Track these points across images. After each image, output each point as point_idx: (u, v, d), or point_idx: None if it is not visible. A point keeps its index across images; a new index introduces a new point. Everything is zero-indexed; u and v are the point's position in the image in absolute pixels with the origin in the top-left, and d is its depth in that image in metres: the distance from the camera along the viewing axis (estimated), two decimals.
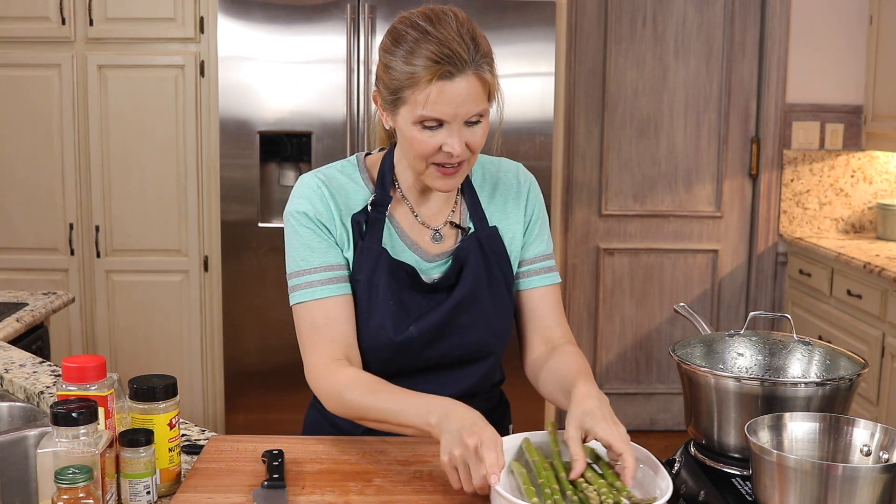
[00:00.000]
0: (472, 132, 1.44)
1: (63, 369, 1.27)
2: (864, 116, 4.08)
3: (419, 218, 1.58)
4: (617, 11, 4.13)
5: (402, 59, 1.41)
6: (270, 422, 3.35)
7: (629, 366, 4.33)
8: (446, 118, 1.41)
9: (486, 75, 1.42)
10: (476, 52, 1.40)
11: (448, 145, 1.42)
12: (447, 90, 1.39)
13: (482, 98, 1.42)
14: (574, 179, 4.20)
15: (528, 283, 1.62)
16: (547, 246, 1.65)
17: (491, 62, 1.44)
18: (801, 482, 1.11)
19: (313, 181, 1.55)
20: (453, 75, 1.39)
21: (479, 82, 1.41)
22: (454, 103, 1.40)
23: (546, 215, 1.66)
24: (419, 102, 1.40)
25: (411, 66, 1.40)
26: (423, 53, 1.39)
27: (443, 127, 1.42)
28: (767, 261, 4.22)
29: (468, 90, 1.40)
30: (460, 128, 1.42)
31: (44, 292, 2.79)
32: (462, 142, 1.43)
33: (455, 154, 1.43)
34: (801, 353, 1.42)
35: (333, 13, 3.34)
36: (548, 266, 1.64)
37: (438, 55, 1.38)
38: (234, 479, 1.37)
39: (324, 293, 1.50)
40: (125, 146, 3.57)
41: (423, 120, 1.42)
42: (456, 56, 1.38)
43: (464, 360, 1.57)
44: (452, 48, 1.39)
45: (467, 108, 1.41)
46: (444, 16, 1.43)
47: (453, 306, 1.53)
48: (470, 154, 1.46)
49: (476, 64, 1.40)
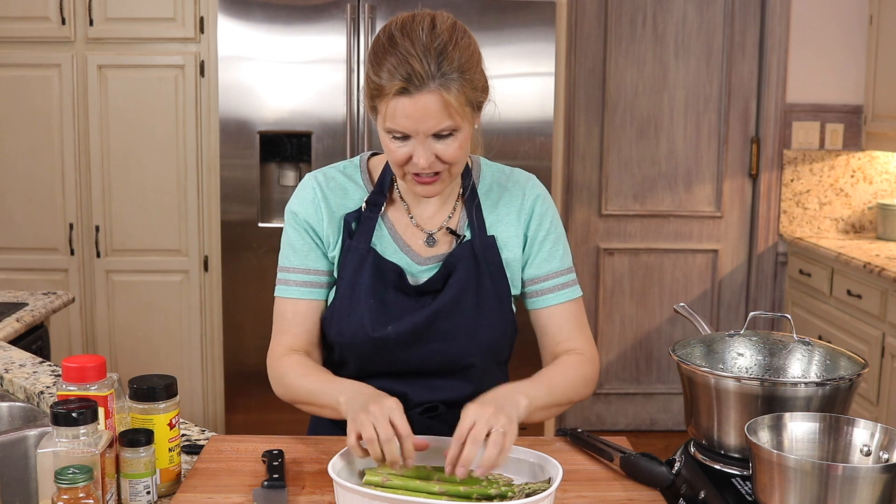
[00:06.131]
0: (444, 145, 1.41)
1: (63, 369, 1.27)
2: (864, 116, 4.08)
3: (414, 220, 1.58)
4: (617, 11, 4.13)
5: (372, 68, 1.41)
6: (270, 422, 3.35)
7: (629, 366, 4.33)
8: (409, 132, 1.40)
9: (452, 92, 1.37)
10: (440, 68, 1.36)
11: (415, 156, 1.41)
12: (406, 106, 1.38)
13: (445, 115, 1.38)
14: (574, 179, 4.20)
15: (540, 303, 1.59)
16: (561, 262, 1.60)
17: (466, 76, 1.39)
18: (801, 482, 1.11)
19: (310, 182, 1.59)
20: (411, 92, 1.37)
21: (441, 100, 1.37)
22: (413, 119, 1.38)
23: (560, 230, 1.61)
24: (384, 114, 1.41)
25: (378, 77, 1.39)
26: (386, 67, 1.38)
27: (409, 139, 1.41)
28: (767, 261, 4.22)
29: (427, 107, 1.37)
30: (426, 141, 1.40)
31: (44, 292, 2.79)
32: (429, 155, 1.41)
33: (422, 166, 1.42)
34: (801, 353, 1.42)
35: (333, 13, 3.34)
36: (562, 283, 1.59)
37: (398, 71, 1.37)
38: (234, 479, 1.37)
39: (296, 294, 1.57)
40: (125, 146, 3.57)
41: (389, 131, 1.42)
42: (414, 73, 1.36)
43: (446, 367, 1.55)
44: (412, 64, 1.36)
45: (428, 125, 1.39)
46: (418, 26, 1.40)
47: (434, 311, 1.52)
48: (446, 166, 1.44)
49: (440, 80, 1.37)
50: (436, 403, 1.55)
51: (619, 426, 4.33)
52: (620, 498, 1.34)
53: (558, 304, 1.59)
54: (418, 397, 1.55)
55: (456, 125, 1.40)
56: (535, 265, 1.59)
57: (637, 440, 3.99)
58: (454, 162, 1.44)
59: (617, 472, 1.42)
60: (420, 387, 1.55)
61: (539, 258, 1.59)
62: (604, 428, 4.29)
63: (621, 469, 1.41)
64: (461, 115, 1.40)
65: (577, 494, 1.35)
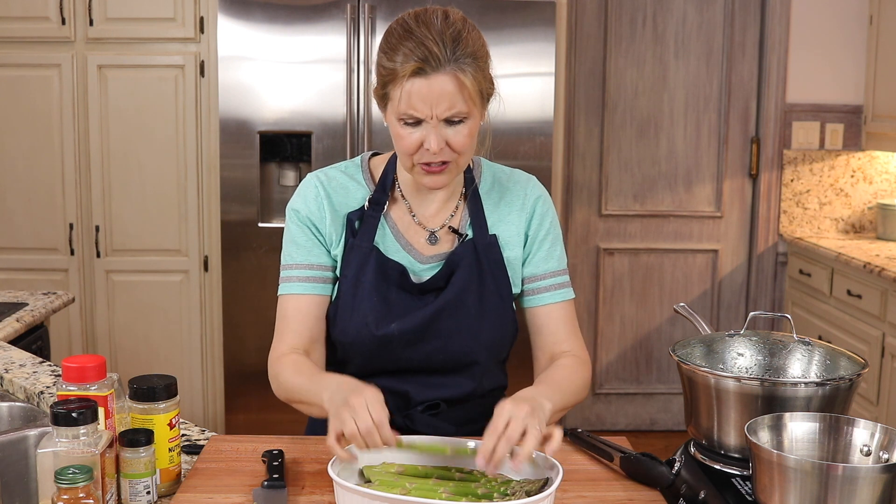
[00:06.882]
0: (454, 132, 1.43)
1: (63, 369, 1.27)
2: (864, 116, 4.08)
3: (416, 218, 1.59)
4: (617, 11, 4.13)
5: (386, 55, 1.43)
6: (270, 422, 3.35)
7: (629, 366, 4.33)
8: (422, 116, 1.42)
9: (467, 75, 1.40)
10: (455, 52, 1.40)
11: (427, 142, 1.43)
12: (421, 88, 1.40)
13: (459, 98, 1.41)
14: (574, 179, 4.20)
15: (537, 301, 1.61)
16: (559, 262, 1.62)
17: (479, 63, 1.43)
18: (801, 482, 1.11)
19: (312, 180, 1.59)
20: (427, 73, 1.39)
21: (456, 82, 1.40)
22: (428, 101, 1.40)
23: (558, 231, 1.63)
24: (398, 99, 1.42)
25: (392, 62, 1.42)
26: (402, 51, 1.41)
27: (421, 124, 1.43)
28: (767, 261, 4.22)
29: (443, 89, 1.40)
30: (438, 126, 1.42)
31: (44, 292, 2.79)
32: (440, 140, 1.43)
33: (433, 151, 1.43)
34: (801, 353, 1.42)
35: (333, 13, 3.34)
36: (558, 283, 1.61)
37: (414, 53, 1.39)
38: (234, 479, 1.37)
39: (299, 289, 1.56)
40: (125, 146, 3.57)
41: (402, 116, 1.43)
42: (431, 55, 1.39)
43: (448, 365, 1.56)
44: (428, 46, 1.39)
45: (443, 108, 1.41)
46: (432, 15, 1.44)
47: (437, 309, 1.53)
48: (455, 155, 1.45)
49: (455, 62, 1.40)
50: (437, 401, 1.57)
51: (619, 426, 4.33)
52: (620, 498, 1.34)
53: (555, 304, 1.61)
54: (420, 395, 1.56)
55: (468, 111, 1.43)
56: (533, 263, 1.61)
57: (637, 440, 3.99)
58: (463, 151, 1.46)
59: (617, 472, 1.42)
60: (422, 385, 1.56)
61: (538, 257, 1.61)
62: (604, 428, 4.29)
63: (621, 469, 1.41)
64: (473, 102, 1.43)
65: (577, 494, 1.35)
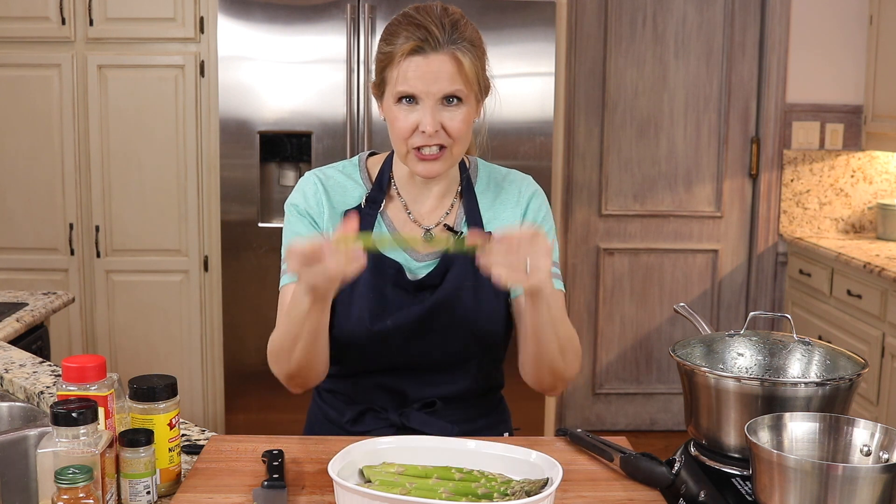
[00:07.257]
0: (450, 115, 1.46)
1: (63, 369, 1.27)
2: (864, 116, 4.08)
3: (412, 216, 1.60)
4: (617, 11, 4.13)
5: (385, 41, 1.49)
6: (270, 422, 3.35)
7: (629, 366, 4.33)
8: (419, 94, 1.45)
9: (465, 57, 1.45)
10: (453, 35, 1.45)
11: (422, 123, 1.45)
12: (420, 66, 1.44)
13: (457, 78, 1.45)
14: (574, 179, 4.20)
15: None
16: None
17: (475, 48, 1.47)
18: (801, 482, 1.11)
19: (311, 178, 1.61)
20: (426, 52, 1.44)
21: (453, 62, 1.45)
22: (426, 79, 1.44)
23: (552, 224, 1.64)
24: (395, 79, 1.46)
25: (391, 45, 1.47)
26: (402, 33, 1.46)
27: (417, 106, 1.46)
28: (767, 261, 4.22)
29: (440, 68, 1.44)
30: (435, 106, 1.45)
31: (44, 292, 2.79)
32: (435, 122, 1.45)
33: (428, 133, 1.45)
34: (801, 353, 1.42)
35: (333, 13, 3.34)
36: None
37: (413, 34, 1.44)
38: (234, 479, 1.37)
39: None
40: (125, 146, 3.57)
41: (398, 96, 1.46)
42: (430, 35, 1.44)
43: (445, 362, 1.56)
44: (428, 27, 1.45)
45: (440, 86, 1.44)
46: (432, 6, 1.49)
47: (433, 305, 1.53)
48: (450, 140, 1.47)
49: (453, 44, 1.45)
50: (433, 399, 1.57)
51: (619, 426, 4.33)
52: (620, 498, 1.34)
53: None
54: (416, 393, 1.57)
55: (465, 93, 1.46)
56: None
57: (637, 440, 3.99)
58: (458, 137, 1.48)
59: (617, 472, 1.42)
60: (418, 383, 1.57)
61: None
62: (604, 428, 4.29)
63: (621, 469, 1.41)
64: (470, 86, 1.47)
65: (577, 494, 1.34)
